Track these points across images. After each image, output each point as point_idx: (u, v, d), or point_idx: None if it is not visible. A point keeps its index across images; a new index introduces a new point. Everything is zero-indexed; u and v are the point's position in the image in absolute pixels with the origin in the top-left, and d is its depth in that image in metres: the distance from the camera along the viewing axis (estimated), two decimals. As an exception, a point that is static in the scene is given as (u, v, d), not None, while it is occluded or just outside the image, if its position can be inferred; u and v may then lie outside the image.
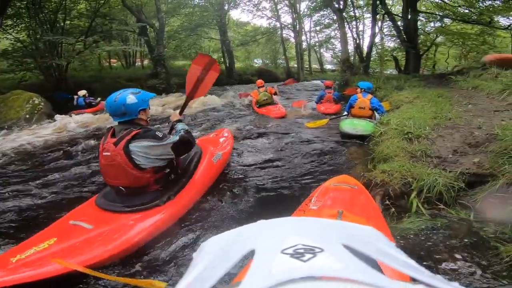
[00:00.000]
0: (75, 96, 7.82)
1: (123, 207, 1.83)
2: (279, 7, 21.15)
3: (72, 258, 1.46)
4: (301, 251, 0.33)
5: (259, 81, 6.95)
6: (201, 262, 0.40)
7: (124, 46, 13.32)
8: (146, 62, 19.16)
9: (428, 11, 11.74)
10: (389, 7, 12.09)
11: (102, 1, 10.24)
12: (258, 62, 28.38)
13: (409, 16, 9.28)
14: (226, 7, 17.81)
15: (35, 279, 1.34)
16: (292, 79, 11.94)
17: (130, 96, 1.87)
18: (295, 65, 22.54)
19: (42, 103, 6.96)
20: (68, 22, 10.13)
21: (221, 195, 2.42)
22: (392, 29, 12.08)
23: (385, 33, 14.40)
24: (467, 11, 9.76)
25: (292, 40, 23.04)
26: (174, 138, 1.96)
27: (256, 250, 0.36)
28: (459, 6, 9.84)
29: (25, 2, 8.49)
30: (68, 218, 1.81)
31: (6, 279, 1.32)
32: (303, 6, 20.98)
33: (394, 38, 12.85)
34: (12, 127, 5.87)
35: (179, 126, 2.19)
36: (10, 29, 9.14)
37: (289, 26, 21.70)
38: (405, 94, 5.01)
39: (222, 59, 19.95)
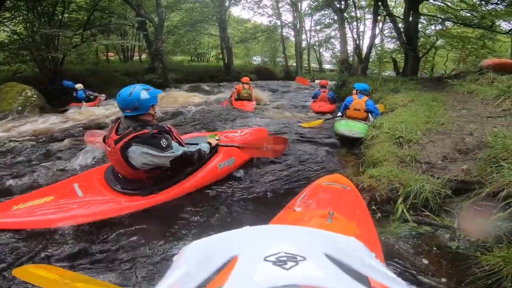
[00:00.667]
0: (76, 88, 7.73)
1: (116, 186, 2.05)
2: (280, 5, 21.11)
3: (55, 215, 1.79)
4: (284, 259, 0.34)
5: (246, 78, 7.42)
6: (182, 266, 0.40)
7: (123, 40, 13.20)
8: (144, 56, 19.05)
9: (430, 13, 11.70)
10: (390, 8, 12.04)
11: (102, -6, 10.12)
12: (257, 60, 28.28)
13: (411, 18, 9.24)
14: (226, 4, 17.70)
15: (22, 227, 1.72)
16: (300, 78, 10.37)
17: (143, 92, 1.94)
18: (294, 64, 22.48)
19: (35, 96, 6.87)
20: (66, 15, 10.00)
21: (206, 196, 2.36)
22: (393, 31, 12.06)
23: (386, 35, 14.40)
24: (469, 14, 9.74)
25: (292, 38, 23.00)
26: (177, 151, 1.99)
27: (239, 256, 0.36)
28: (461, 9, 9.80)
29: (23, -6, 8.39)
30: (73, 180, 2.11)
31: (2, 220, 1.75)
32: (304, 5, 20.94)
33: (394, 40, 12.84)
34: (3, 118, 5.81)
35: (203, 145, 2.29)
36: (7, 21, 9.03)
37: (290, 24, 21.64)
38: (401, 97, 4.98)
39: (221, 56, 19.87)
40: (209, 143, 2.38)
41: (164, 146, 1.91)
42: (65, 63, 10.49)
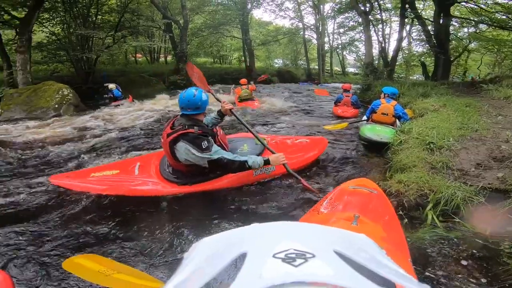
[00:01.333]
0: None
1: (163, 172, 2.35)
2: (302, 7, 20.97)
3: (111, 187, 2.24)
4: (293, 256, 0.34)
5: (243, 80, 7.84)
6: (192, 262, 0.40)
7: (150, 42, 13.76)
8: (169, 58, 19.68)
9: (462, 16, 11.17)
10: (419, 11, 11.63)
11: (131, -3, 10.62)
12: (278, 62, 28.29)
13: (441, 21, 8.86)
14: (249, 6, 17.88)
15: (96, 191, 2.22)
16: (319, 90, 9.73)
17: (203, 94, 2.19)
18: (316, 67, 22.24)
19: (70, 94, 7.33)
20: (99, 17, 10.61)
21: (236, 193, 2.41)
22: (422, 34, 11.63)
23: (414, 38, 13.90)
24: (504, 17, 9.21)
25: (314, 41, 22.76)
26: (213, 155, 2.09)
27: (248, 253, 0.36)
28: (496, 12, 9.28)
29: (60, -4, 8.99)
30: (137, 160, 2.56)
31: (82, 185, 2.27)
32: (327, 8, 20.69)
33: (423, 43, 12.35)
34: (43, 116, 6.26)
35: (254, 158, 2.18)
36: (46, 22, 9.71)
37: (312, 27, 21.46)
38: (431, 102, 4.79)
39: (243, 58, 20.09)
40: (267, 161, 2.20)
41: (203, 147, 2.05)
42: (98, 64, 11.11)
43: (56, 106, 6.87)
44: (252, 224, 0.46)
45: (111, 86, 7.99)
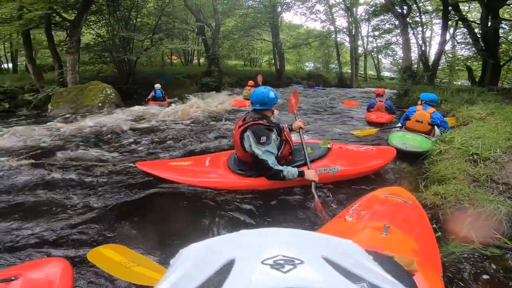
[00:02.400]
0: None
1: (230, 165, 2.57)
2: (334, 10, 20.51)
3: (183, 179, 2.51)
4: (282, 262, 0.33)
5: (250, 82, 8.85)
6: (178, 269, 0.40)
7: (184, 44, 14.38)
8: (202, 60, 20.36)
9: (512, 19, 10.20)
10: (464, 13, 10.81)
11: (167, 0, 11.16)
12: (309, 66, 27.93)
13: (489, 24, 8.16)
14: (279, 9, 17.91)
15: (172, 178, 2.51)
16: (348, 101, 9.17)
17: (271, 92, 2.40)
18: (349, 71, 21.59)
19: (113, 94, 7.91)
20: (139, 19, 11.34)
21: (288, 192, 2.42)
22: (467, 37, 10.79)
23: (458, 41, 12.92)
24: None
25: (347, 44, 22.15)
26: (262, 154, 2.22)
27: (236, 259, 0.36)
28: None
29: (105, -1, 9.65)
30: (207, 156, 2.85)
31: (163, 174, 2.57)
32: (360, 10, 20.03)
33: (469, 46, 11.43)
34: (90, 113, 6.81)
35: (289, 169, 2.27)
36: (92, 24, 10.56)
37: (344, 30, 20.90)
38: (477, 110, 4.41)
39: (273, 61, 20.15)
40: (301, 173, 2.30)
41: (260, 141, 2.21)
42: (137, 65, 11.84)
43: (100, 104, 7.45)
44: (240, 231, 0.46)
45: (157, 86, 8.39)
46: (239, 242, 0.44)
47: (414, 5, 11.44)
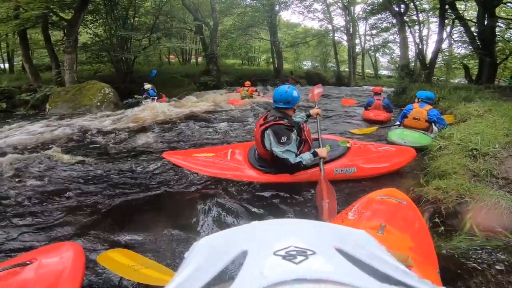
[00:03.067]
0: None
1: (250, 159, 2.69)
2: (331, 9, 20.53)
3: (206, 171, 2.71)
4: (294, 253, 0.34)
5: (247, 82, 9.36)
6: (192, 262, 0.40)
7: (182, 43, 14.33)
8: (200, 59, 20.31)
9: (509, 17, 10.29)
10: (461, 12, 10.89)
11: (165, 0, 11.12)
12: (307, 64, 27.95)
13: (486, 22, 8.24)
14: (277, 8, 17.90)
15: (195, 170, 2.75)
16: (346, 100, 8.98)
17: (294, 91, 2.48)
18: (347, 69, 21.65)
19: (111, 93, 7.87)
20: (136, 19, 11.28)
21: (303, 189, 2.45)
22: (464, 35, 10.88)
23: (455, 39, 13.01)
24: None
25: (345, 43, 22.20)
26: (282, 153, 2.29)
27: (248, 251, 0.36)
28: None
29: (103, -1, 9.57)
30: (229, 147, 3.00)
31: (188, 164, 2.82)
32: (357, 9, 20.09)
33: (466, 45, 11.53)
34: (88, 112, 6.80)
35: (304, 156, 2.37)
36: (90, 24, 10.49)
37: (342, 28, 20.93)
38: (475, 107, 4.48)
39: (271, 60, 20.15)
40: (315, 153, 2.40)
41: (281, 141, 2.28)
42: (135, 64, 11.79)
43: (98, 104, 7.42)
44: (252, 222, 0.47)
45: (147, 86, 8.38)
46: (251, 233, 0.44)
47: (411, 4, 11.50)
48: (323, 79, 19.26)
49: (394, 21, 11.77)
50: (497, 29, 9.47)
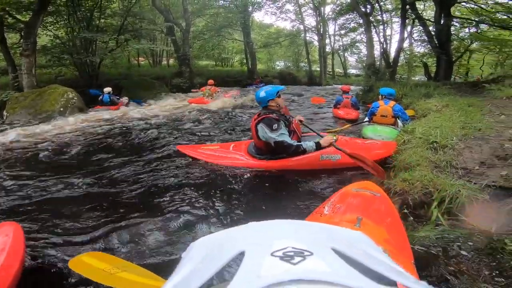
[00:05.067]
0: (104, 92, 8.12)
1: (249, 150, 3.03)
2: (303, 9, 21.07)
3: (212, 159, 3.07)
4: (291, 254, 0.34)
5: (210, 81, 9.51)
6: (189, 262, 0.40)
7: (152, 45, 13.88)
8: (171, 61, 19.81)
9: (463, 16, 11.19)
10: (420, 11, 11.65)
11: (134, 1, 10.72)
12: (280, 65, 28.37)
13: (442, 21, 8.89)
14: (250, 9, 17.98)
15: (203, 158, 3.11)
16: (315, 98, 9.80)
17: (262, 92, 2.86)
18: (318, 69, 22.28)
19: (75, 98, 7.42)
20: (102, 20, 10.72)
21: (224, 194, 2.50)
22: (423, 34, 11.65)
23: (415, 38, 13.91)
24: (505, 17, 9.22)
25: (316, 43, 22.84)
26: (278, 137, 2.65)
27: (245, 252, 0.36)
28: (497, 11, 9.29)
29: (64, 0, 9.04)
30: (231, 144, 3.35)
31: (193, 155, 3.19)
32: (327, 9, 20.78)
33: (425, 44, 12.37)
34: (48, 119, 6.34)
35: (307, 143, 2.74)
36: (50, 25, 9.81)
37: (313, 29, 21.54)
38: (434, 102, 4.80)
39: (245, 61, 20.18)
40: (318, 144, 2.72)
41: (273, 128, 2.66)
42: (101, 67, 11.20)
43: (61, 109, 6.96)
44: (249, 223, 0.47)
45: (106, 90, 7.98)
46: (249, 234, 0.44)
47: (376, 4, 12.10)
48: (295, 79, 19.67)
49: (361, 21, 12.29)
50: (452, 28, 10.26)
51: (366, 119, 4.46)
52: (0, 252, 1.26)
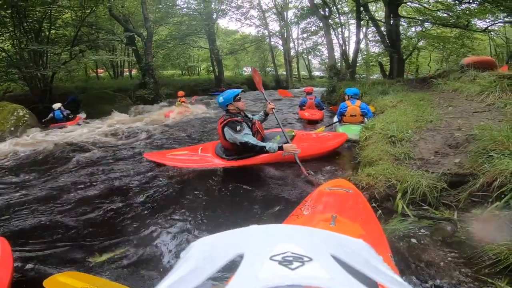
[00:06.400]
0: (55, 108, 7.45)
1: (216, 152, 3.27)
2: (267, 15, 21.54)
3: (182, 163, 3.23)
4: (290, 258, 0.34)
5: (180, 92, 9.55)
6: (187, 262, 0.40)
7: (111, 56, 13.23)
8: (134, 72, 19.03)
9: (409, 16, 12.09)
10: (372, 13, 12.45)
11: (88, 11, 10.14)
12: (247, 71, 28.60)
13: (391, 21, 9.55)
14: (214, 16, 17.96)
15: (170, 164, 3.24)
16: (283, 90, 10.71)
17: (220, 97, 3.11)
18: (284, 72, 22.82)
19: (27, 115, 6.81)
20: (53, 31, 9.98)
21: (214, 195, 2.55)
22: (376, 35, 12.46)
23: (370, 39, 14.85)
24: (445, 15, 10.06)
25: (281, 47, 23.42)
26: (242, 138, 2.91)
27: (244, 254, 0.36)
28: (438, 10, 10.12)
29: (9, 11, 8.32)
30: (199, 146, 3.49)
31: (161, 161, 3.32)
32: (290, 14, 21.46)
33: (379, 44, 13.25)
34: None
35: (271, 145, 2.95)
36: (-6, 38, 8.94)
37: (277, 33, 22.09)
38: (389, 99, 5.13)
39: (211, 68, 20.04)
40: (281, 147, 2.94)
41: (237, 130, 2.91)
42: (55, 81, 10.41)
43: (12, 128, 6.35)
44: (250, 226, 0.47)
45: (55, 106, 7.37)
46: (249, 237, 0.44)
47: (334, 7, 12.71)
48: (263, 84, 19.86)
49: (321, 24, 12.83)
50: (401, 28, 11.07)
51: (336, 119, 4.60)
52: None
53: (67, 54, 9.78)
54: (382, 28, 10.59)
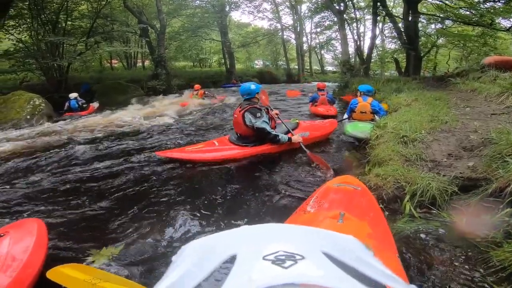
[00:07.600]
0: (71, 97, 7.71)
1: (233, 140, 3.47)
2: (280, 8, 21.22)
3: (198, 154, 3.29)
4: (283, 257, 0.34)
5: (196, 86, 9.66)
6: (180, 265, 0.40)
7: (125, 47, 13.39)
8: (147, 63, 19.24)
9: (429, 12, 11.69)
10: (390, 8, 12.08)
11: (104, 2, 10.28)
12: (259, 64, 28.43)
13: (410, 18, 9.25)
14: (227, 9, 17.84)
15: (188, 159, 3.24)
16: (291, 91, 10.55)
17: (252, 85, 3.46)
18: (296, 67, 22.55)
19: (43, 104, 7.00)
20: (69, 23, 10.19)
21: (213, 192, 2.53)
22: (393, 31, 12.10)
23: (386, 35, 14.44)
24: (468, 13, 9.69)
25: (293, 41, 23.12)
26: (260, 124, 3.22)
27: (237, 255, 0.36)
28: (460, 7, 9.78)
29: (27, 3, 8.53)
30: (214, 140, 3.60)
31: (179, 155, 3.30)
32: (303, 8, 21.08)
33: (395, 40, 12.86)
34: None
35: (283, 135, 3.37)
36: (12, 29, 9.21)
37: (290, 27, 21.76)
38: (404, 97, 4.98)
39: (223, 61, 20.01)
40: (290, 139, 3.38)
41: (257, 116, 3.23)
42: (71, 71, 10.66)
43: (28, 117, 6.55)
44: (241, 226, 0.47)
45: (72, 95, 7.59)
46: (241, 238, 0.44)
47: (350, 2, 12.40)
48: (274, 78, 19.78)
49: (336, 19, 12.55)
50: (419, 24, 10.71)
51: (345, 116, 4.54)
52: (24, 249, 1.33)
53: (83, 45, 9.97)
54: (400, 25, 10.27)
